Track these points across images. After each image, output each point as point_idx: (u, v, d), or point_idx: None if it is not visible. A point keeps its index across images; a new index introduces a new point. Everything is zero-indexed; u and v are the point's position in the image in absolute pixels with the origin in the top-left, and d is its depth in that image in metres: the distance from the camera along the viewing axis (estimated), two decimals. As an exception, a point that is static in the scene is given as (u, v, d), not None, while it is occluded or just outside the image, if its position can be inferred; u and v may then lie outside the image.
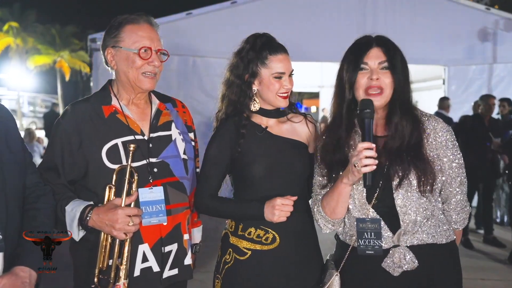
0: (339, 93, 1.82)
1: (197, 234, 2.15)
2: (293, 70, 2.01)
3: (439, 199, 1.83)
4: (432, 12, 8.24)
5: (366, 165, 1.59)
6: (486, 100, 6.13)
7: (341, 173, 1.77)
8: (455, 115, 7.45)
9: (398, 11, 8.19)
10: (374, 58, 1.75)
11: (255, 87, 2.00)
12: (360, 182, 1.70)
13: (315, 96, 19.86)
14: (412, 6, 8.22)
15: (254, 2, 8.11)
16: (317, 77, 11.87)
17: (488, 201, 6.13)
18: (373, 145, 1.62)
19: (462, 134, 6.11)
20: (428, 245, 1.76)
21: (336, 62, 1.94)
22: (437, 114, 7.50)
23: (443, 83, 8.58)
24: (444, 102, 7.48)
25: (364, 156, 1.60)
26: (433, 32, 8.17)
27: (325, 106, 13.53)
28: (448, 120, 6.86)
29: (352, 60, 1.77)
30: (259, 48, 1.97)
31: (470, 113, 6.96)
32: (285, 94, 1.98)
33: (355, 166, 1.62)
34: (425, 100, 12.04)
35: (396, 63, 1.75)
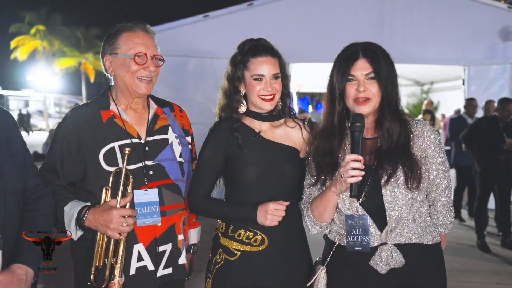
0: (331, 99, 1.90)
1: (194, 235, 2.20)
2: (278, 73, 2.02)
3: (426, 201, 1.88)
4: (452, 11, 8.10)
5: (352, 176, 1.66)
6: (504, 104, 5.98)
7: (329, 175, 1.84)
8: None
9: (417, 10, 8.07)
10: (361, 69, 1.81)
11: (242, 90, 2.06)
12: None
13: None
14: (431, 5, 8.09)
15: (271, 3, 8.13)
16: (335, 77, 11.80)
17: (504, 203, 6.00)
18: (361, 158, 1.68)
19: (477, 136, 6.02)
20: (414, 244, 1.81)
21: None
22: (459, 119, 7.40)
23: (463, 84, 8.42)
24: (466, 104, 7.33)
25: (351, 168, 1.66)
26: (452, 31, 8.03)
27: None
28: (460, 125, 6.76)
29: (340, 71, 1.85)
30: (245, 52, 2.03)
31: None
32: (268, 97, 2.01)
33: (341, 177, 1.69)
34: (448, 99, 11.86)
35: (382, 71, 1.81)
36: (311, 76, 8.96)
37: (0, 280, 1.51)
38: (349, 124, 1.78)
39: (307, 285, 1.92)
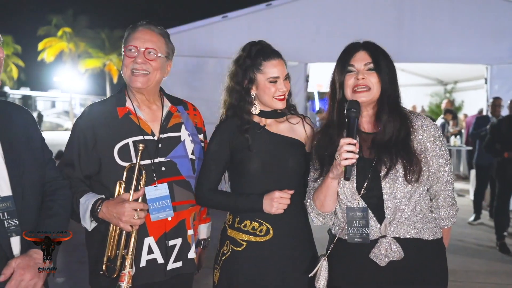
0: (331, 94, 1.96)
1: (204, 230, 2.27)
2: (287, 73, 2.11)
3: (428, 196, 1.90)
4: (474, 9, 7.97)
5: (346, 159, 1.70)
6: None
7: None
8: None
9: (437, 8, 7.98)
10: (360, 60, 1.86)
11: (253, 92, 2.12)
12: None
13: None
14: (452, 3, 8.00)
15: (289, 3, 8.15)
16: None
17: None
18: (355, 141, 1.72)
19: (499, 136, 5.93)
20: (414, 239, 1.84)
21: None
22: (484, 118, 7.30)
23: (485, 83, 8.28)
24: (491, 103, 7.23)
25: (345, 150, 1.71)
26: (474, 29, 7.91)
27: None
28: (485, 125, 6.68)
29: (340, 63, 1.90)
30: (254, 55, 2.09)
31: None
32: (281, 97, 2.10)
33: (336, 160, 1.74)
34: (472, 99, 11.65)
35: (382, 64, 1.86)
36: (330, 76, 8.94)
37: (18, 263, 1.60)
38: (345, 111, 1.82)
39: (310, 275, 1.96)
